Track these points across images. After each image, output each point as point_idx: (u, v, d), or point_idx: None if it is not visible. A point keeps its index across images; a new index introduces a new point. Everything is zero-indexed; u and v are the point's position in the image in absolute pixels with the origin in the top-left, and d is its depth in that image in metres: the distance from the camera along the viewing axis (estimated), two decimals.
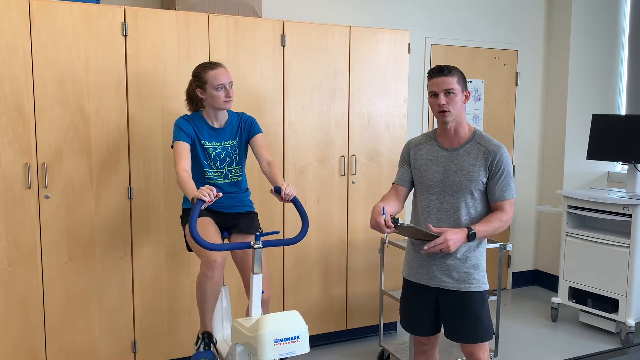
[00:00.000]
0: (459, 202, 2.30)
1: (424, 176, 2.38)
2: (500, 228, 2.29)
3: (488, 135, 2.36)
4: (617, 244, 3.86)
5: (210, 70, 2.66)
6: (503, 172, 2.28)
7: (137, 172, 3.09)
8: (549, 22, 4.98)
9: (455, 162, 2.32)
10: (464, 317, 2.32)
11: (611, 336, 3.99)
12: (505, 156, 2.29)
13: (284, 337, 2.13)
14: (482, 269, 2.35)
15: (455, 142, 2.35)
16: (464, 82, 2.31)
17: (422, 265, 2.39)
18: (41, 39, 2.83)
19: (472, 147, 2.31)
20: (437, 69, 2.28)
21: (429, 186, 2.36)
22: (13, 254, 2.87)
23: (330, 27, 3.52)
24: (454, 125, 2.32)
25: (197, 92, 2.71)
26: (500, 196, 2.29)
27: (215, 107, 2.69)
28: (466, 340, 2.33)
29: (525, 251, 5.16)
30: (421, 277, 2.39)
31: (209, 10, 3.27)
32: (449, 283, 2.32)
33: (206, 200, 2.26)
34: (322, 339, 3.76)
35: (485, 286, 2.35)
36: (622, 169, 4.82)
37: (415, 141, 2.47)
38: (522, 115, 4.96)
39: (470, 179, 2.28)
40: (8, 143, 2.82)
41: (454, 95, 2.26)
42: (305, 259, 3.59)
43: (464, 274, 2.30)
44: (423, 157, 2.40)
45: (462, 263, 2.31)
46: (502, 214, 2.28)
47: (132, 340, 3.17)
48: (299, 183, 3.51)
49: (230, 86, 2.67)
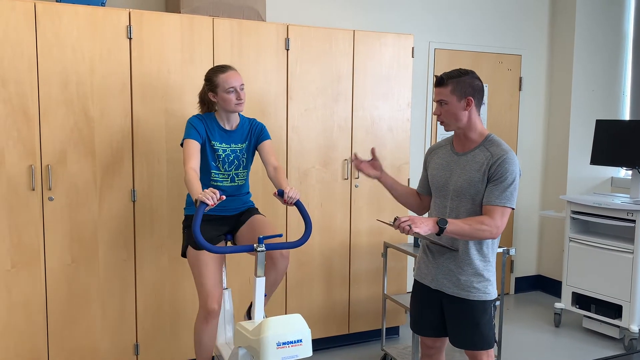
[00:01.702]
0: (460, 206, 2.28)
1: (433, 180, 2.40)
2: (478, 232, 2.15)
3: (500, 141, 2.28)
4: (621, 250, 3.85)
5: (221, 73, 2.67)
6: (501, 177, 2.19)
7: (140, 175, 3.09)
8: (553, 26, 4.98)
9: (460, 166, 2.31)
10: (463, 323, 2.31)
11: (615, 342, 3.98)
12: (508, 162, 2.19)
13: (287, 340, 2.13)
14: (485, 278, 2.29)
15: (466, 147, 2.33)
16: (462, 89, 2.24)
17: (427, 267, 2.40)
18: (46, 41, 2.85)
19: (479, 152, 2.29)
20: (435, 79, 2.31)
21: (436, 189, 2.38)
22: (16, 256, 2.88)
23: (334, 31, 3.52)
24: (462, 131, 2.31)
25: (209, 95, 2.72)
26: (490, 199, 2.19)
27: (227, 109, 2.70)
28: (464, 346, 2.33)
29: (529, 256, 5.14)
30: (426, 278, 2.41)
31: (214, 13, 3.28)
32: (449, 288, 2.32)
33: (209, 204, 2.27)
34: (324, 342, 3.76)
35: (487, 296, 2.29)
36: (626, 174, 4.81)
37: (435, 146, 2.50)
38: (526, 120, 4.95)
39: (471, 184, 2.25)
40: (12, 145, 2.83)
41: (447, 105, 2.26)
42: (308, 262, 3.59)
43: (465, 281, 2.28)
44: (436, 161, 2.42)
45: (464, 270, 2.28)
46: (487, 219, 2.16)
47: (134, 343, 3.17)
48: (302, 186, 3.51)
49: (242, 89, 2.68)
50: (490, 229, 2.16)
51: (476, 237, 2.18)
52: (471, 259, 2.28)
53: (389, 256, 3.76)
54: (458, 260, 2.30)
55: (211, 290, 2.64)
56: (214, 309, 2.64)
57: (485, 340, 2.30)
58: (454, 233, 2.15)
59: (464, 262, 2.29)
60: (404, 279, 3.91)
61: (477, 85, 2.27)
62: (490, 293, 2.31)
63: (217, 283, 2.67)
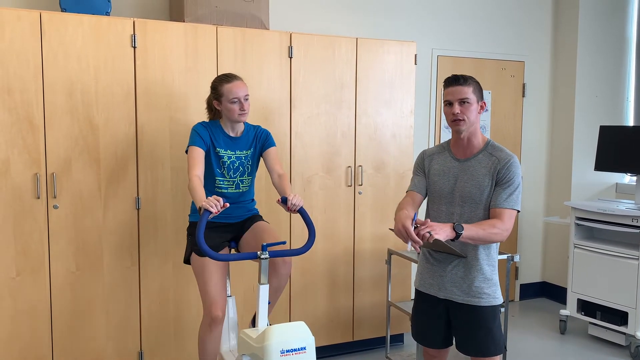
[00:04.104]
0: (468, 213, 2.27)
1: (435, 186, 2.36)
2: (492, 235, 2.16)
3: (501, 146, 2.32)
4: (626, 256, 3.83)
5: (227, 83, 2.69)
6: (509, 181, 2.23)
7: (144, 183, 3.10)
8: (556, 33, 4.98)
9: (466, 172, 2.30)
10: (475, 330, 2.29)
11: (621, 349, 3.95)
12: (515, 166, 2.24)
13: (291, 348, 2.12)
14: (493, 282, 2.29)
15: (468, 152, 2.33)
16: (479, 92, 2.29)
17: (433, 277, 2.37)
18: (51, 50, 2.87)
19: (484, 157, 2.29)
20: (453, 78, 2.27)
21: (440, 196, 2.35)
22: (21, 264, 2.89)
23: (337, 39, 3.54)
24: (467, 135, 2.30)
25: (214, 103, 2.75)
26: (499, 203, 2.22)
27: (230, 119, 2.72)
28: (477, 354, 2.30)
29: (533, 263, 5.12)
30: (432, 288, 2.37)
31: (217, 22, 3.30)
32: (459, 296, 2.29)
33: (213, 211, 2.28)
34: (328, 350, 3.75)
35: (496, 300, 2.29)
36: (631, 180, 4.80)
37: (430, 151, 2.46)
38: (529, 126, 4.95)
39: (480, 190, 2.25)
40: (18, 153, 2.84)
41: (469, 105, 2.24)
42: (311, 270, 3.58)
43: (475, 288, 2.27)
44: (436, 168, 2.38)
45: (473, 276, 2.27)
46: (498, 222, 2.18)
47: (138, 350, 3.17)
48: (306, 193, 3.51)
49: (246, 99, 2.69)
50: (502, 232, 2.18)
51: (489, 240, 2.19)
52: (480, 264, 2.27)
53: (393, 263, 3.76)
54: (467, 267, 2.28)
55: (215, 298, 2.64)
56: (218, 316, 2.64)
57: (497, 346, 2.29)
58: (470, 238, 2.14)
59: (473, 267, 2.27)
60: (408, 286, 3.90)
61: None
62: (499, 297, 2.31)
63: (221, 290, 2.67)
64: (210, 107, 2.84)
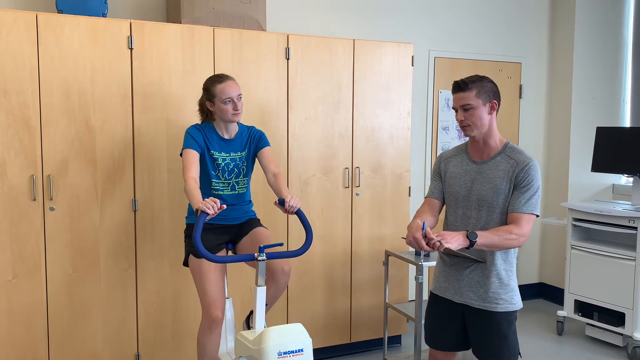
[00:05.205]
0: (484, 217, 2.23)
1: (452, 190, 2.33)
2: (508, 241, 2.13)
3: (520, 148, 2.26)
4: (623, 257, 3.84)
5: (219, 83, 2.68)
6: (528, 184, 2.17)
7: (141, 184, 3.10)
8: (553, 34, 4.99)
9: (483, 174, 2.25)
10: (490, 336, 2.26)
11: (618, 350, 3.96)
12: (534, 169, 2.18)
13: (288, 350, 2.12)
14: (511, 287, 2.25)
15: (485, 155, 2.29)
16: (486, 93, 2.22)
17: (449, 280, 2.33)
18: (48, 52, 2.86)
19: (502, 159, 2.24)
20: (455, 85, 2.25)
21: (456, 200, 2.31)
22: (18, 266, 2.88)
23: (334, 40, 3.54)
24: (482, 137, 2.26)
25: (207, 104, 2.74)
26: (517, 207, 2.17)
27: (224, 119, 2.71)
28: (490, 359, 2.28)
29: (530, 264, 5.13)
30: (448, 292, 2.34)
31: (214, 23, 3.29)
32: (475, 302, 2.26)
33: (210, 213, 2.27)
34: (326, 352, 3.74)
35: (513, 306, 2.25)
36: (627, 181, 4.81)
37: (446, 154, 2.42)
38: (526, 127, 4.96)
39: (497, 192, 2.20)
40: (14, 155, 2.84)
41: (473, 110, 2.21)
42: (309, 271, 3.58)
43: (492, 294, 2.23)
44: (452, 170, 2.35)
45: (490, 281, 2.23)
46: (514, 227, 2.14)
47: (135, 353, 3.16)
48: (303, 195, 3.51)
49: (239, 99, 2.69)
50: (518, 237, 2.14)
51: (505, 247, 2.15)
52: (497, 269, 2.24)
53: (390, 264, 3.76)
54: (484, 271, 2.25)
55: (214, 298, 2.63)
56: (217, 316, 2.63)
57: (512, 353, 2.26)
58: (484, 245, 2.11)
59: (490, 272, 2.24)
60: (406, 288, 3.90)
61: (497, 89, 2.26)
62: (516, 303, 2.27)
63: (219, 291, 2.66)
64: (203, 109, 2.83)
